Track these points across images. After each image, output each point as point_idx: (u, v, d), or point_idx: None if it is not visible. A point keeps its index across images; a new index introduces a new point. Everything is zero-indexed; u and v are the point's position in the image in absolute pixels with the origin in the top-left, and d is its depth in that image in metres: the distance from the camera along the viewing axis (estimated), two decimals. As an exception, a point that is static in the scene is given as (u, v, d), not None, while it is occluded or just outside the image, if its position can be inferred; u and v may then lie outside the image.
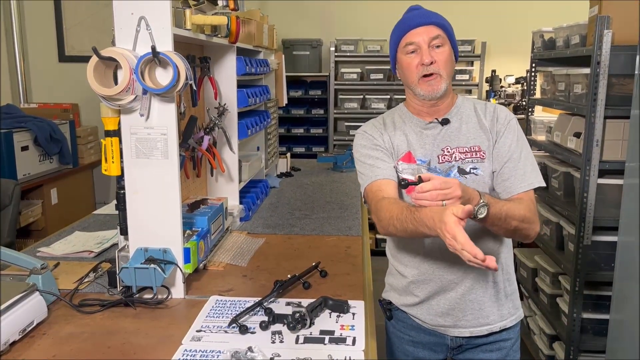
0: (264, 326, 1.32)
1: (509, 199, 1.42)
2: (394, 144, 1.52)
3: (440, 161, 1.47)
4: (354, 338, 1.28)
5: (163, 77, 1.41)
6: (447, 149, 1.47)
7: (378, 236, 4.61)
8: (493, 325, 1.53)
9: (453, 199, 1.21)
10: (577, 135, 2.59)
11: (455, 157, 1.46)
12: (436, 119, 1.50)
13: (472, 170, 1.45)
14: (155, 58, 1.37)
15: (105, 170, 1.46)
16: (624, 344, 2.30)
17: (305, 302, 1.41)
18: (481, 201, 1.28)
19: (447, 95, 1.49)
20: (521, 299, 1.90)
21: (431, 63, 1.42)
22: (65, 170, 4.13)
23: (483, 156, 1.46)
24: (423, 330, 1.59)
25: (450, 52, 1.47)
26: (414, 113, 1.54)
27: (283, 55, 3.18)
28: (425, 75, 1.44)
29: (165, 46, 1.39)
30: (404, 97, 1.61)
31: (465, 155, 1.46)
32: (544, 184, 1.46)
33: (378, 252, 4.43)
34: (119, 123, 1.45)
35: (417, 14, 1.47)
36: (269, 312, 1.37)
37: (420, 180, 1.24)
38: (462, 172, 1.45)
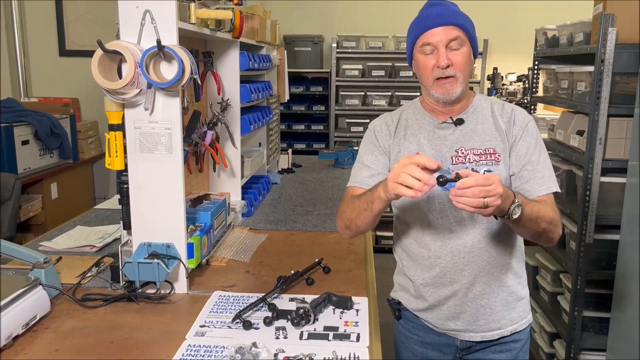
0: (267, 322, 1.32)
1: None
2: (402, 147, 1.48)
3: (454, 162, 1.42)
4: (358, 334, 1.28)
5: (168, 71, 1.40)
6: (462, 150, 1.43)
7: (379, 233, 4.61)
8: (504, 329, 1.51)
9: (495, 196, 1.16)
10: (580, 133, 2.59)
11: (469, 158, 1.42)
12: (450, 118, 1.46)
13: (486, 173, 1.42)
14: (160, 52, 1.36)
15: (109, 164, 1.46)
16: (625, 343, 2.30)
17: (309, 298, 1.41)
18: (516, 201, 1.24)
19: (462, 97, 1.44)
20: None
21: (448, 66, 1.37)
22: (65, 165, 4.12)
23: (498, 159, 1.42)
24: (433, 331, 1.57)
25: (469, 52, 1.41)
26: (427, 110, 1.50)
27: (285, 51, 3.17)
28: (440, 78, 1.39)
29: (170, 40, 1.38)
30: (405, 94, 1.60)
31: (480, 157, 1.42)
32: (559, 190, 1.43)
33: (378, 249, 4.43)
34: (123, 117, 1.44)
35: (436, 13, 1.39)
36: (272, 307, 1.36)
37: (458, 176, 1.18)
38: None
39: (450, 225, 1.45)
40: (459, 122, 1.46)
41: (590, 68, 2.48)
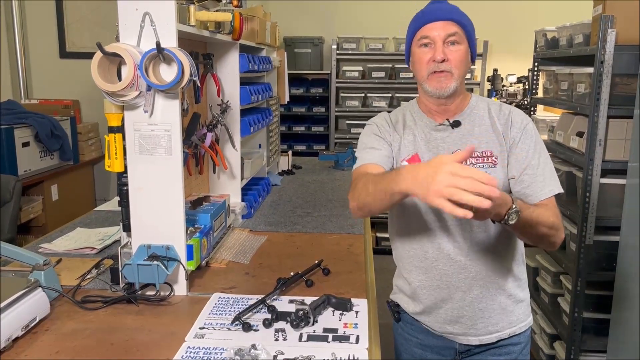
0: (267, 324, 1.32)
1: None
2: (401, 144, 1.49)
3: None
4: (358, 336, 1.28)
5: (167, 73, 1.40)
6: (459, 152, 1.42)
7: (379, 234, 4.61)
8: (502, 332, 1.51)
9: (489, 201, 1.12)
10: (580, 134, 2.59)
11: (466, 161, 1.40)
12: (447, 120, 1.45)
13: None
14: (160, 54, 1.36)
15: (109, 166, 1.46)
16: (625, 344, 2.30)
17: (309, 299, 1.40)
18: (514, 206, 1.22)
19: (457, 95, 1.44)
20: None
21: (443, 60, 1.38)
22: (65, 167, 4.13)
23: (495, 162, 1.41)
24: (431, 334, 1.56)
25: (466, 51, 1.41)
26: (424, 111, 1.50)
27: (285, 53, 3.17)
28: (435, 72, 1.39)
29: (170, 42, 1.39)
30: (405, 95, 1.59)
31: (477, 160, 1.41)
32: (562, 191, 1.41)
33: (378, 250, 4.43)
34: (123, 119, 1.44)
35: (437, 8, 1.40)
36: (272, 309, 1.36)
37: None
38: None
39: (447, 228, 1.44)
40: (456, 124, 1.45)
41: (590, 69, 2.48)
